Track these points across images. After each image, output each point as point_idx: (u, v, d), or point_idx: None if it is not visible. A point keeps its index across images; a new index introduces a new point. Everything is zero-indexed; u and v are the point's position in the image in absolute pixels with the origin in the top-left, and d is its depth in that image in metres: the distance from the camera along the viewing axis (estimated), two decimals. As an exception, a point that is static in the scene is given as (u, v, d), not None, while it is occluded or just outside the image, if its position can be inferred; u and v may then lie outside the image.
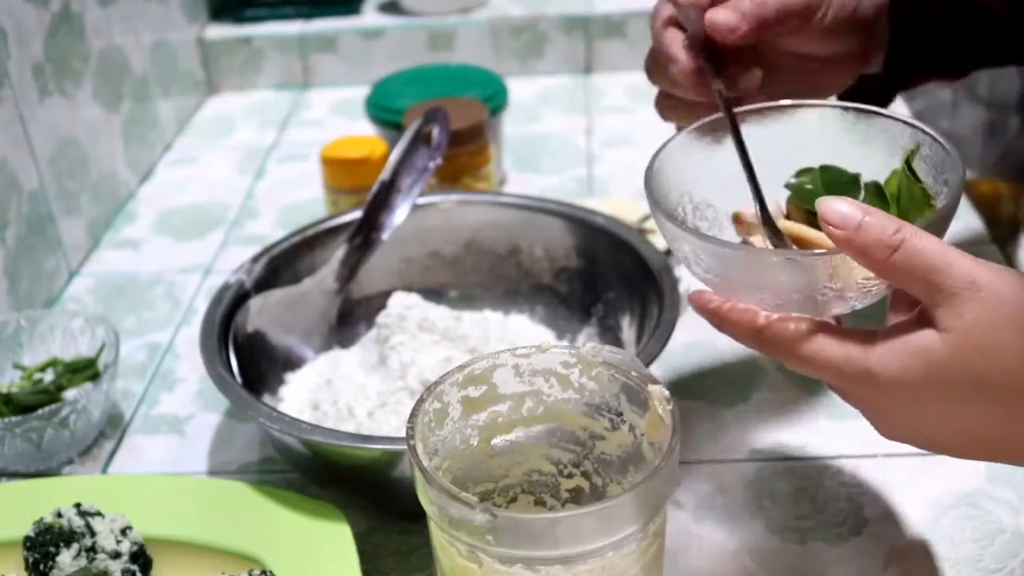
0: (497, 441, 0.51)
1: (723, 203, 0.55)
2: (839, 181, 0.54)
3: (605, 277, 0.73)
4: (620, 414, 0.49)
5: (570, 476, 0.52)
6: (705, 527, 0.60)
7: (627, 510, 0.42)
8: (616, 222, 0.73)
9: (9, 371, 0.73)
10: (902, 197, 0.52)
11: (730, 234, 0.55)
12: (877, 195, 0.53)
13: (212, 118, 1.20)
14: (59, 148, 0.89)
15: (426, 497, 0.44)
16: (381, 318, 0.70)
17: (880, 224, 0.42)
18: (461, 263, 0.78)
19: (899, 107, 1.10)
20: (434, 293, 0.76)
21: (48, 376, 0.72)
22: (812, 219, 0.49)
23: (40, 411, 0.65)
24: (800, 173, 0.55)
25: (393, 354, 0.68)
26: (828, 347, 0.45)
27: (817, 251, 0.46)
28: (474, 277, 0.78)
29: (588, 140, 1.07)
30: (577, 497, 0.52)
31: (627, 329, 0.71)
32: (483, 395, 0.49)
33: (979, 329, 0.41)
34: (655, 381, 0.47)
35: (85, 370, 0.72)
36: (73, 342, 0.74)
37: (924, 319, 0.43)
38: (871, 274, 0.43)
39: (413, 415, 0.46)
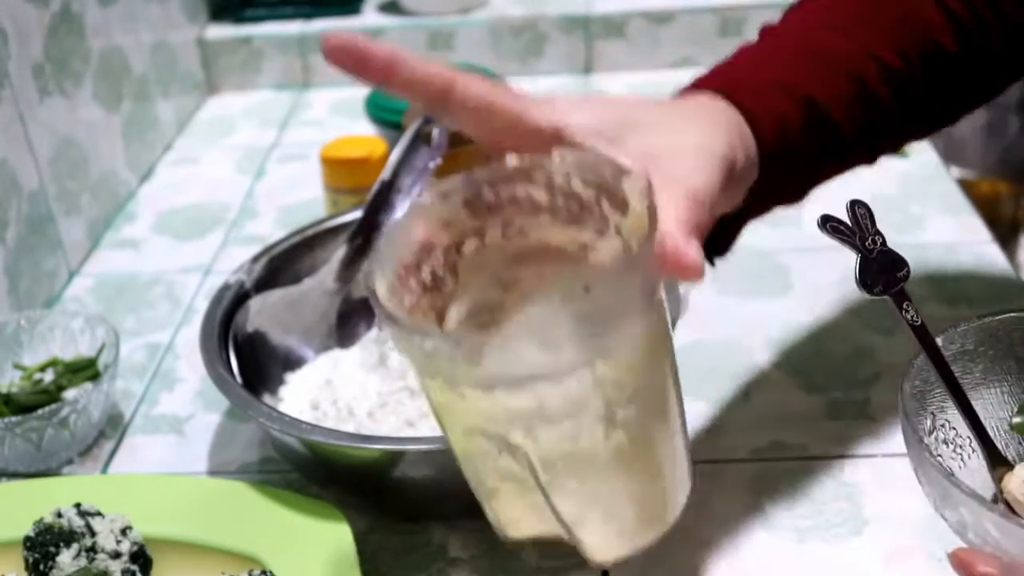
0: (481, 272, 0.46)
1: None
2: None
3: (605, 277, 0.73)
4: (604, 218, 0.44)
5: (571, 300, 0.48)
6: (705, 527, 0.60)
7: (607, 301, 0.37)
8: (616, 222, 0.73)
9: (9, 371, 0.73)
10: None
11: (974, 464, 0.48)
12: None
13: (212, 118, 1.20)
14: (59, 148, 0.89)
15: (395, 340, 0.40)
16: (381, 318, 0.70)
17: None
18: (461, 263, 0.78)
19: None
20: (434, 293, 0.76)
21: (48, 376, 0.72)
22: None
23: (40, 411, 0.65)
24: (1021, 410, 0.49)
25: (393, 354, 0.68)
26: None
27: None
28: (474, 277, 0.78)
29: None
30: None
31: (627, 329, 0.70)
32: (459, 227, 0.45)
33: None
34: (630, 173, 0.42)
35: (85, 370, 0.72)
36: (73, 342, 0.74)
37: None
38: None
39: (376, 251, 0.42)
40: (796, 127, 0.53)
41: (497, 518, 0.44)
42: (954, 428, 0.48)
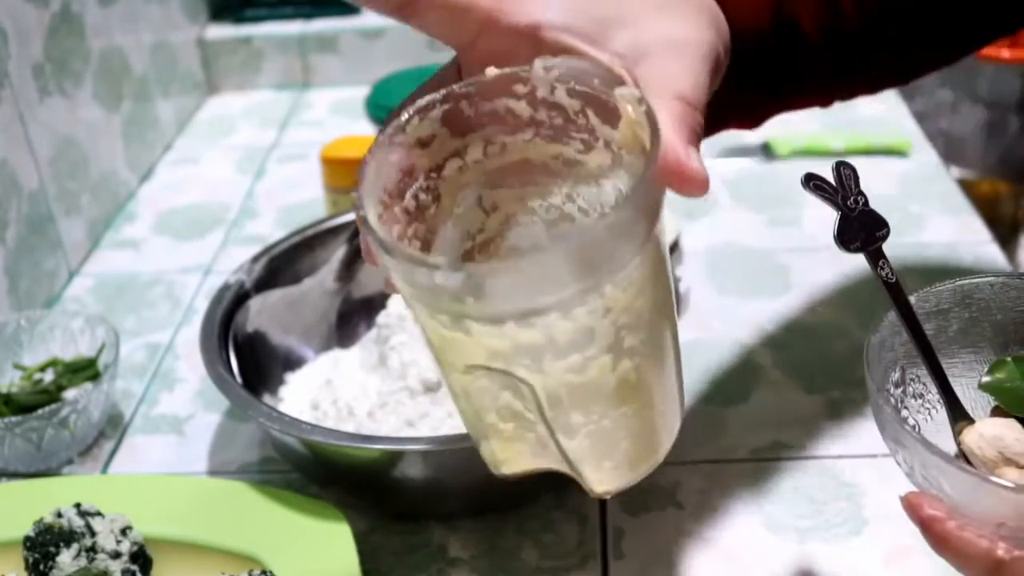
0: (464, 196, 0.45)
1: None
2: None
3: (605, 277, 0.73)
4: (592, 130, 0.42)
5: (551, 213, 0.46)
6: (705, 527, 0.60)
7: (617, 229, 0.36)
8: (616, 222, 0.73)
9: (9, 371, 0.73)
10: None
11: (941, 418, 0.48)
12: None
13: (212, 118, 1.20)
14: (59, 148, 0.89)
15: (396, 272, 0.38)
16: (381, 318, 0.70)
17: None
18: (461, 263, 0.78)
19: (899, 108, 1.10)
20: (434, 293, 0.76)
21: (48, 376, 0.72)
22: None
23: (40, 411, 0.65)
24: (994, 368, 0.49)
25: (393, 354, 0.67)
26: None
27: None
28: (474, 277, 0.78)
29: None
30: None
31: (627, 329, 0.70)
32: (438, 142, 0.43)
33: None
34: (623, 81, 0.40)
35: (85, 370, 0.72)
36: (73, 342, 0.74)
37: None
38: None
39: (361, 179, 0.40)
40: (766, 29, 0.51)
41: (493, 455, 0.43)
42: (924, 383, 0.49)
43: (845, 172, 0.50)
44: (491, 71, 0.41)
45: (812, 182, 0.50)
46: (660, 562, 0.58)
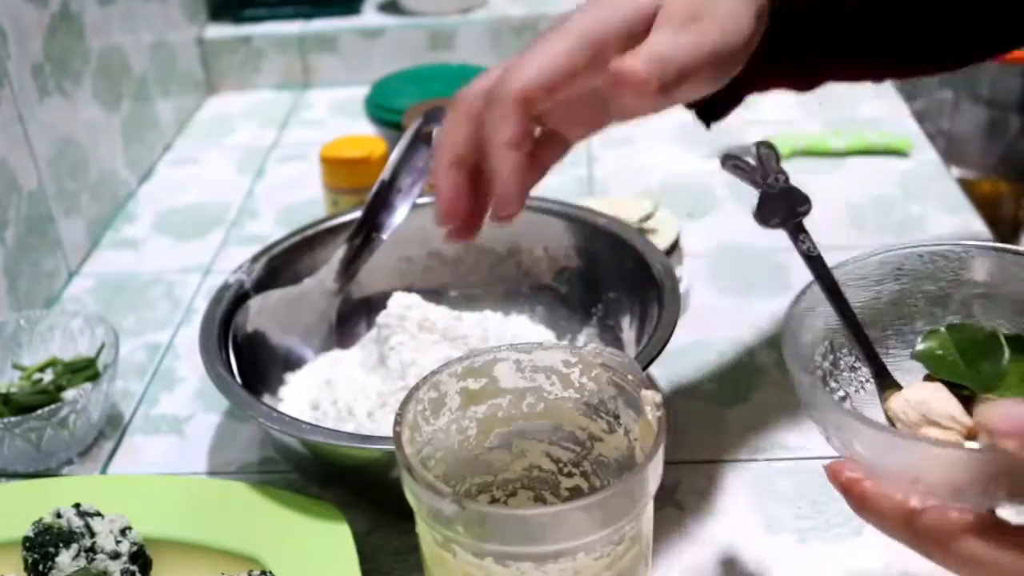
0: (496, 435, 0.51)
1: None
2: (976, 341, 0.48)
3: (605, 277, 0.73)
4: (617, 417, 0.49)
5: (570, 475, 0.52)
6: (705, 527, 0.60)
7: (597, 512, 0.42)
8: (616, 222, 0.73)
9: (9, 371, 0.73)
10: None
11: (873, 391, 0.49)
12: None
13: (212, 118, 1.20)
14: (59, 148, 0.89)
15: (407, 485, 0.44)
16: (381, 318, 0.70)
17: None
18: (461, 263, 0.78)
19: (899, 108, 1.10)
20: (434, 293, 0.76)
21: (48, 376, 0.72)
22: (953, 391, 0.45)
23: (40, 411, 0.65)
24: (927, 337, 0.49)
25: (393, 354, 0.67)
26: (1003, 547, 0.37)
27: (991, 447, 0.37)
28: (474, 277, 0.78)
29: (588, 140, 1.07)
30: (576, 496, 0.52)
31: (627, 329, 0.71)
32: (483, 388, 0.49)
33: None
34: (649, 386, 0.46)
35: (85, 370, 0.72)
36: (73, 342, 0.74)
37: None
38: None
39: (406, 402, 0.46)
40: None
41: None
42: (855, 355, 0.49)
43: (764, 152, 0.51)
44: (547, 341, 0.50)
45: (729, 162, 0.51)
46: (660, 562, 0.58)
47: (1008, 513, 0.40)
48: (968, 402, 0.46)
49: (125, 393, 0.75)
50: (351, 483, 0.62)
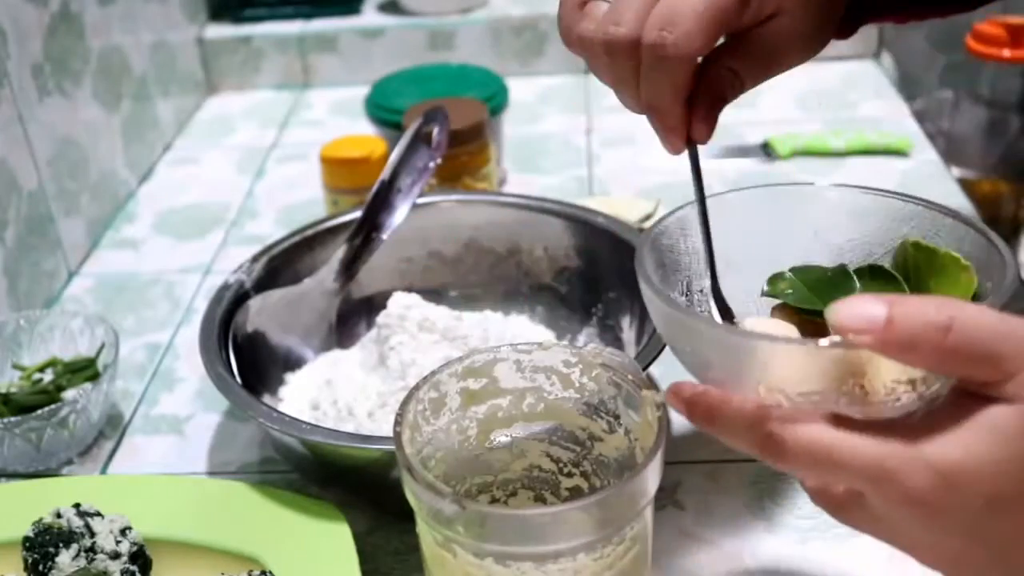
0: (496, 435, 0.51)
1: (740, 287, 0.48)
2: (823, 278, 0.48)
3: (605, 277, 0.73)
4: (617, 417, 0.49)
5: (570, 475, 0.52)
6: (705, 527, 0.60)
7: (597, 513, 0.42)
8: (616, 222, 0.73)
9: (9, 371, 0.73)
10: (922, 272, 0.45)
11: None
12: (879, 277, 0.46)
13: (212, 118, 1.20)
14: (59, 148, 0.89)
15: (407, 485, 0.44)
16: (381, 318, 0.70)
17: (917, 310, 0.34)
18: (461, 263, 0.78)
19: (899, 108, 1.10)
20: (434, 293, 0.76)
21: (47, 376, 0.72)
22: (805, 321, 0.45)
23: (40, 411, 0.65)
24: (771, 281, 0.49)
25: (393, 354, 0.67)
26: (859, 435, 0.36)
27: (834, 340, 0.36)
28: (474, 277, 0.78)
29: (588, 140, 1.07)
30: (576, 496, 0.52)
31: (627, 329, 0.71)
32: (483, 388, 0.49)
33: None
34: (650, 386, 0.46)
35: (85, 370, 0.72)
36: (73, 342, 0.74)
37: (982, 399, 0.35)
38: (903, 375, 0.36)
39: (406, 402, 0.46)
40: None
41: None
42: (707, 297, 0.49)
43: None
44: (547, 342, 0.50)
45: None
46: (660, 562, 0.58)
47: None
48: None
49: (125, 393, 0.75)
50: (351, 483, 0.62)
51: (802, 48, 0.52)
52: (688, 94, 0.49)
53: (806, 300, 0.47)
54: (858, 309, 0.35)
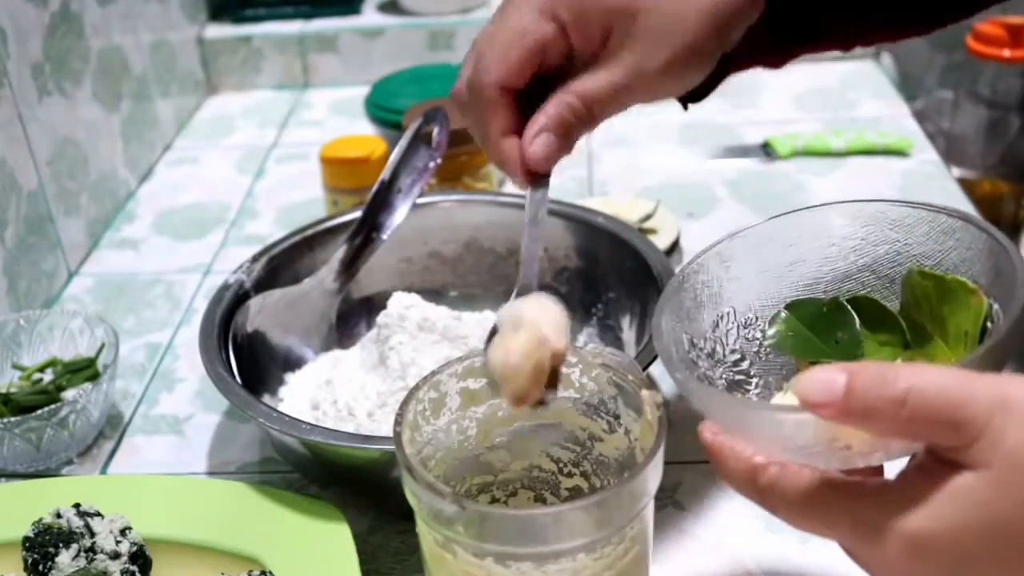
0: (496, 435, 0.51)
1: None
2: (819, 314, 0.48)
3: (605, 277, 0.73)
4: (617, 416, 0.49)
5: (570, 475, 0.52)
6: (705, 527, 0.60)
7: (597, 513, 0.42)
8: (616, 222, 0.73)
9: (8, 371, 0.73)
10: (933, 300, 0.44)
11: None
12: (872, 307, 0.47)
13: (212, 118, 1.20)
14: (58, 148, 0.89)
15: (407, 485, 0.44)
16: (381, 318, 0.70)
17: (874, 380, 0.35)
18: (461, 263, 0.78)
19: (899, 108, 1.10)
20: (434, 293, 0.76)
21: (47, 376, 0.72)
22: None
23: (39, 411, 0.65)
24: (772, 323, 0.49)
25: (393, 354, 0.67)
26: (832, 500, 0.38)
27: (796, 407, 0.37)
28: (474, 277, 0.78)
29: (588, 140, 1.07)
30: (576, 496, 0.52)
31: (627, 329, 0.71)
32: (483, 388, 0.49)
33: None
34: (649, 386, 0.46)
35: (84, 370, 0.72)
36: (73, 342, 0.74)
37: (948, 464, 0.36)
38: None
39: (406, 402, 0.46)
40: None
41: None
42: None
43: None
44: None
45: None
46: (661, 563, 0.58)
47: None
48: None
49: (125, 393, 0.75)
50: (351, 483, 0.62)
51: (651, 87, 0.53)
52: (509, 125, 0.52)
53: (813, 350, 0.47)
54: (817, 383, 0.36)
